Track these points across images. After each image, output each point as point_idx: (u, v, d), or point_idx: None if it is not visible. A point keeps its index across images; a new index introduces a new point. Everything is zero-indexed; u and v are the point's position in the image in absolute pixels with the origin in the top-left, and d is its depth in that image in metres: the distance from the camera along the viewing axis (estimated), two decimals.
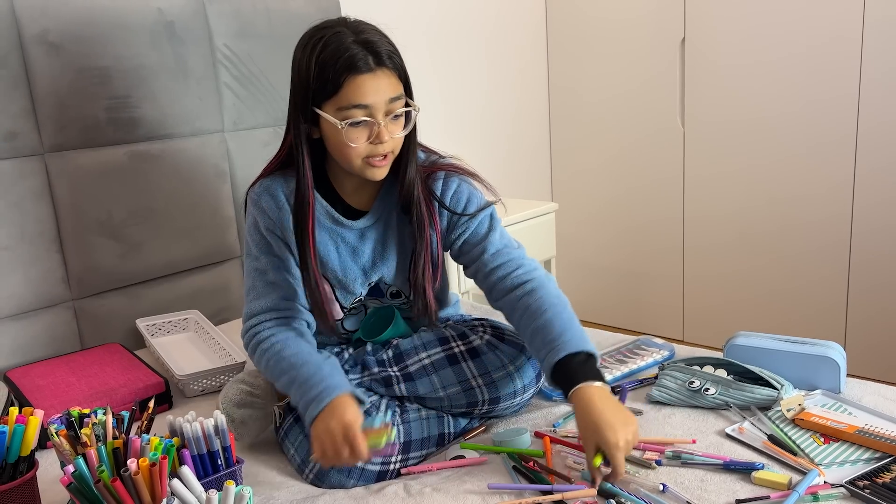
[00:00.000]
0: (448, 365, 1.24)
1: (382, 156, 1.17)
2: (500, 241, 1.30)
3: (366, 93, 1.12)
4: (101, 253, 1.70)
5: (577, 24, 2.95)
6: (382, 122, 1.14)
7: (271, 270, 1.25)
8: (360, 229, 1.28)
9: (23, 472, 1.04)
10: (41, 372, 1.50)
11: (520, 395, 1.26)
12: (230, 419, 1.20)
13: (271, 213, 1.25)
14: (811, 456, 1.10)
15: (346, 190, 1.28)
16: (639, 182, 2.93)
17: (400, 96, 1.17)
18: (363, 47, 1.12)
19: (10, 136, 1.55)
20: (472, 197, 1.29)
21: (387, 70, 1.14)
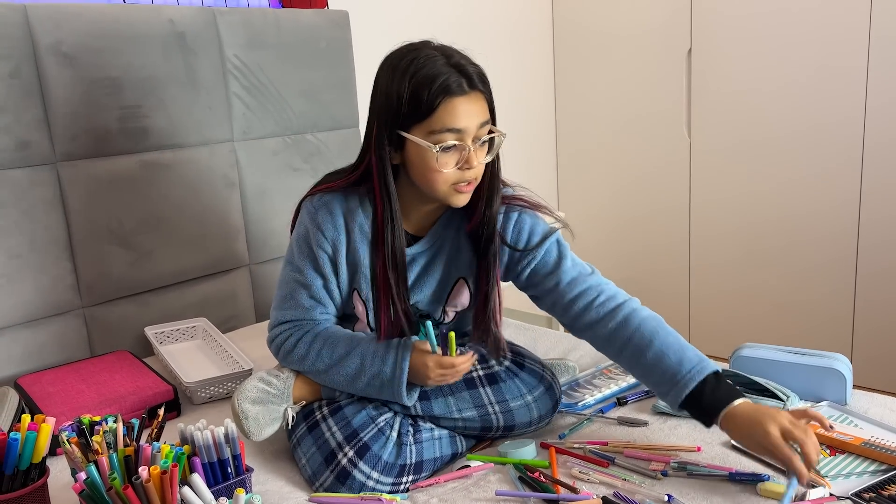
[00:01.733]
0: (465, 389, 1.24)
1: (468, 182, 1.15)
2: (573, 269, 1.25)
3: (459, 116, 1.11)
4: (111, 261, 1.72)
5: (584, 35, 2.97)
6: (472, 146, 1.13)
7: (317, 288, 1.24)
8: (412, 255, 1.25)
9: (34, 478, 1.05)
10: (51, 379, 1.51)
11: (535, 424, 1.27)
12: (243, 415, 1.20)
13: (326, 230, 1.23)
14: (817, 468, 1.10)
15: (409, 217, 1.25)
16: (645, 194, 2.94)
17: (488, 121, 1.16)
18: (457, 70, 1.11)
19: (23, 146, 1.57)
20: (536, 227, 1.26)
21: (479, 93, 1.14)
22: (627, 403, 1.38)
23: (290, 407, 1.25)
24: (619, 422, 1.31)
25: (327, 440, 1.18)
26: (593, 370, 1.51)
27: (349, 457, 1.15)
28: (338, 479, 1.15)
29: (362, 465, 1.15)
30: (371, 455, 1.15)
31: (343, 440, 1.17)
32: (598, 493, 1.09)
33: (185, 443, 1.05)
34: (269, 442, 1.33)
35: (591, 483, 1.12)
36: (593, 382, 1.45)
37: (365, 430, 1.18)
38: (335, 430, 1.19)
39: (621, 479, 1.12)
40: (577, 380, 1.47)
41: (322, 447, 1.18)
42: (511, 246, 1.25)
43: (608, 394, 1.41)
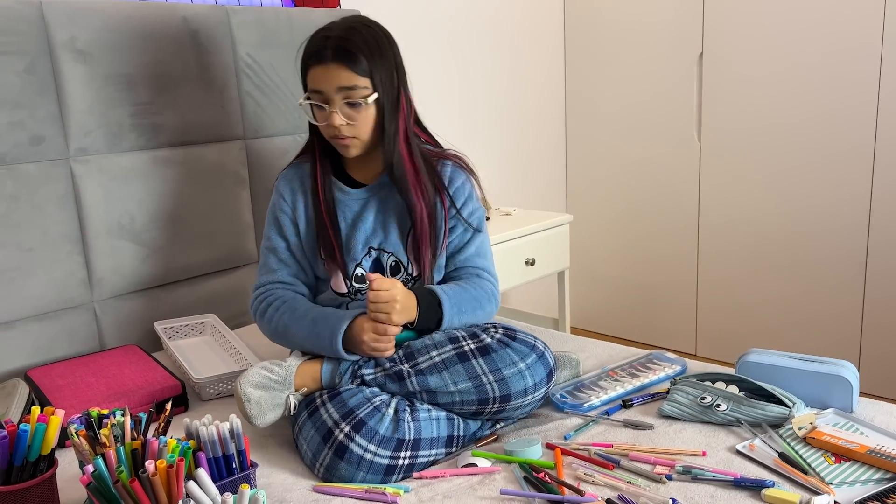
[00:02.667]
0: (458, 362, 1.27)
1: (342, 136, 1.34)
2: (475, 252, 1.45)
3: (317, 81, 1.33)
4: (122, 256, 1.74)
5: (595, 37, 2.97)
6: (335, 107, 1.32)
7: (282, 251, 1.45)
8: (362, 199, 1.44)
9: (43, 470, 1.06)
10: (61, 372, 1.52)
11: (531, 393, 1.28)
12: (246, 398, 1.23)
13: (285, 195, 1.45)
14: (822, 475, 1.10)
15: (355, 169, 1.47)
16: (654, 196, 2.94)
17: (355, 87, 1.31)
18: (326, 41, 1.32)
19: (37, 140, 1.59)
20: (472, 195, 1.46)
21: (341, 65, 1.30)
22: (633, 406, 1.38)
23: (291, 394, 1.27)
24: (625, 424, 1.31)
25: (325, 421, 1.21)
26: (599, 372, 1.51)
27: (345, 432, 1.18)
28: (336, 455, 1.17)
29: (359, 438, 1.17)
30: (367, 429, 1.18)
31: (339, 418, 1.20)
32: (602, 495, 1.09)
33: (191, 438, 1.06)
34: (272, 434, 1.34)
35: (595, 485, 1.13)
36: (599, 384, 1.45)
37: (361, 408, 1.21)
38: (332, 411, 1.22)
39: (626, 482, 1.12)
40: (582, 381, 1.47)
41: (320, 428, 1.21)
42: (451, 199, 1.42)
43: (614, 396, 1.41)
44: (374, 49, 1.33)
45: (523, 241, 2.37)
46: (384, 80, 1.34)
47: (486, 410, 1.28)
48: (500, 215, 2.55)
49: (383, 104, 1.35)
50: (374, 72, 1.32)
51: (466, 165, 1.48)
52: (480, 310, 1.39)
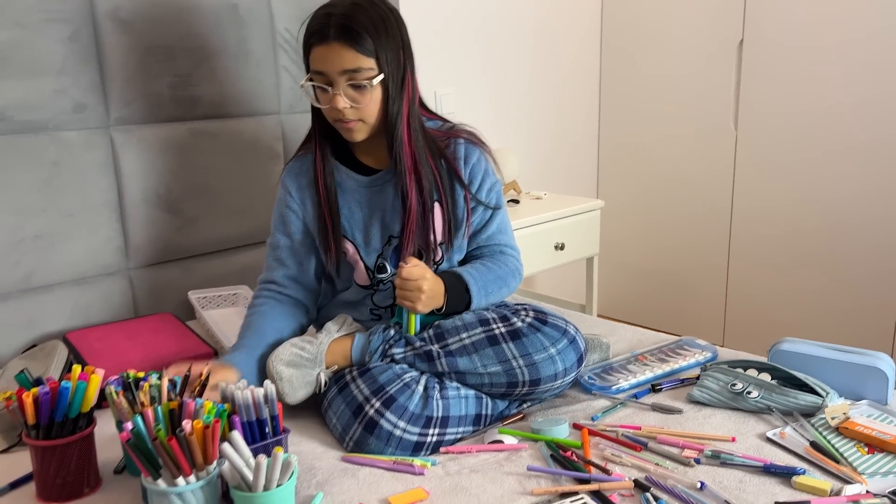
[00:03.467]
0: (488, 345, 1.26)
1: (346, 120, 1.29)
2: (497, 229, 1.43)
3: (319, 61, 1.26)
4: (158, 225, 1.76)
5: (633, 21, 2.93)
6: (338, 90, 1.26)
7: (282, 248, 1.41)
8: (377, 186, 1.39)
9: (82, 427, 1.09)
10: (98, 335, 1.56)
11: (560, 377, 1.27)
12: (278, 376, 1.24)
13: (294, 192, 1.40)
14: (854, 465, 1.09)
15: (362, 153, 1.41)
16: (687, 184, 2.90)
17: (360, 69, 1.25)
18: (329, 19, 1.24)
19: (80, 108, 1.61)
20: (489, 171, 1.42)
21: (345, 44, 1.24)
22: (662, 390, 1.37)
23: (322, 372, 1.28)
24: (653, 408, 1.31)
25: (355, 396, 1.22)
26: (628, 356, 1.50)
27: (376, 407, 1.19)
28: (366, 430, 1.18)
29: (389, 414, 1.18)
30: (397, 406, 1.19)
31: (370, 394, 1.21)
32: (629, 475, 1.09)
33: (226, 401, 1.08)
34: (301, 407, 1.36)
35: (622, 465, 1.13)
36: (628, 368, 1.45)
37: (391, 384, 1.22)
38: (363, 386, 1.23)
39: (653, 464, 1.12)
40: (611, 364, 1.47)
41: (350, 403, 1.22)
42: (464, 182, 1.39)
43: (643, 380, 1.40)
44: (380, 27, 1.26)
45: (553, 226, 2.36)
46: (390, 60, 1.27)
47: (515, 393, 1.28)
48: (530, 199, 2.54)
49: (389, 86, 1.29)
50: (380, 52, 1.26)
51: (479, 140, 1.43)
52: (506, 287, 1.40)
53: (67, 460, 1.07)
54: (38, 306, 1.61)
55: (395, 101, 1.30)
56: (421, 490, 1.07)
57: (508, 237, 1.46)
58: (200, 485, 0.94)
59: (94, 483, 1.11)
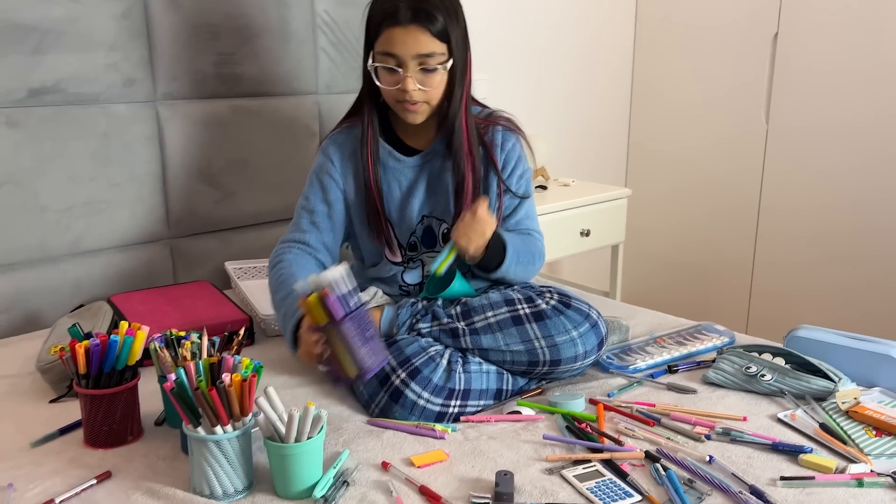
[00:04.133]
0: (512, 325, 1.31)
1: (412, 102, 1.31)
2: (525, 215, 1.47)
3: (394, 43, 1.28)
4: (198, 197, 1.84)
5: (668, 12, 2.94)
6: (410, 72, 1.28)
7: (319, 214, 1.44)
8: (416, 166, 1.43)
9: (128, 378, 1.17)
10: (140, 299, 1.64)
11: (581, 360, 1.32)
12: None
13: (336, 162, 1.43)
14: (861, 446, 1.12)
15: (407, 134, 1.44)
16: (716, 177, 2.91)
17: (433, 54, 1.28)
18: (408, 3, 1.26)
19: (129, 83, 1.69)
20: (522, 157, 1.46)
21: (421, 28, 1.26)
22: (678, 372, 1.41)
23: None
24: (668, 387, 1.35)
25: (383, 367, 1.27)
26: (647, 338, 1.55)
27: (402, 378, 1.24)
28: (391, 398, 1.24)
29: (413, 385, 1.24)
30: (422, 377, 1.24)
31: (396, 365, 1.26)
32: (641, 448, 1.14)
33: (319, 288, 1.10)
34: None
35: (635, 438, 1.17)
36: (646, 349, 1.49)
37: (417, 357, 1.27)
38: (390, 357, 1.28)
39: (665, 438, 1.16)
40: (629, 345, 1.51)
41: (377, 372, 1.27)
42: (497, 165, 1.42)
43: (660, 361, 1.44)
44: (451, 12, 1.29)
45: (580, 212, 2.39)
46: (458, 45, 1.32)
47: (536, 371, 1.33)
48: (558, 185, 2.58)
49: (455, 70, 1.33)
50: (451, 36, 1.29)
51: (516, 127, 1.47)
52: (531, 265, 1.44)
53: (113, 409, 1.15)
54: (85, 270, 1.70)
55: (458, 86, 1.35)
56: (441, 452, 1.13)
57: (535, 222, 1.51)
58: (236, 434, 1.01)
59: (136, 432, 1.19)
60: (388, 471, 1.08)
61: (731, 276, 2.93)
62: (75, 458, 1.13)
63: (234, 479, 1.02)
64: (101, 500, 1.01)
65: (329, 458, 1.10)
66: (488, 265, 1.38)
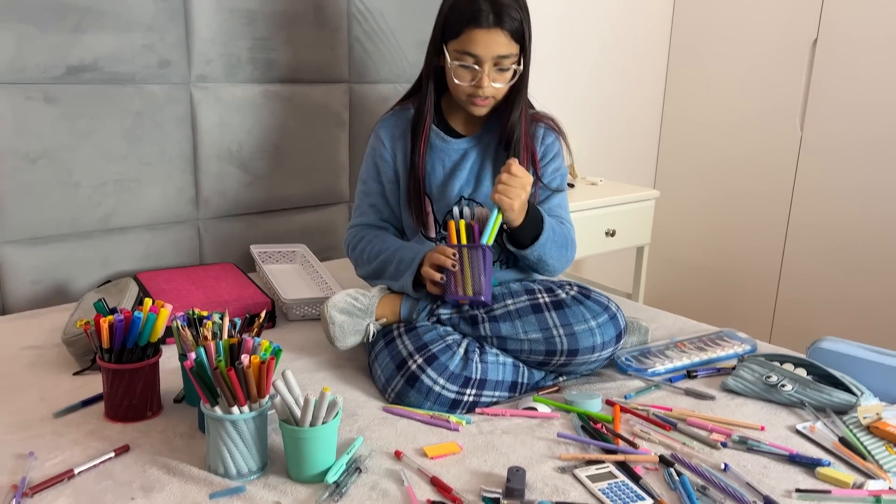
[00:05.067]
0: (532, 313, 1.32)
1: (483, 98, 1.37)
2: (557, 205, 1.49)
3: (477, 44, 1.33)
4: (227, 180, 1.86)
5: (705, 15, 2.90)
6: (486, 71, 1.34)
7: (375, 195, 1.51)
8: (462, 150, 1.47)
9: (150, 355, 1.19)
10: (166, 278, 1.66)
11: (598, 350, 1.32)
12: (331, 320, 1.33)
13: (387, 142, 1.49)
14: (880, 462, 1.10)
15: (456, 120, 1.50)
16: (746, 182, 2.87)
17: (509, 55, 1.34)
18: (490, 6, 1.31)
19: (164, 64, 1.71)
20: (559, 153, 1.51)
21: (501, 31, 1.32)
22: (697, 377, 1.40)
23: (372, 323, 1.35)
24: (687, 393, 1.34)
25: (400, 351, 1.29)
26: (667, 342, 1.53)
27: (418, 363, 1.26)
28: (407, 383, 1.25)
29: (430, 371, 1.25)
30: (439, 364, 1.25)
31: (414, 350, 1.28)
32: (655, 451, 1.13)
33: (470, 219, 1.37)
34: (349, 358, 1.44)
35: (650, 442, 1.17)
36: (665, 353, 1.48)
37: (434, 343, 1.29)
38: (408, 342, 1.30)
39: (680, 444, 1.15)
40: (649, 348, 1.50)
41: (395, 357, 1.29)
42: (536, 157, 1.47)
43: (679, 365, 1.43)
44: (526, 16, 1.36)
45: (606, 211, 2.38)
46: (529, 46, 1.37)
47: (553, 362, 1.33)
48: (585, 184, 2.56)
49: (524, 69, 1.39)
50: (525, 37, 1.35)
51: (558, 127, 1.52)
52: (565, 249, 1.43)
53: (134, 384, 1.17)
54: (114, 246, 1.73)
55: (524, 84, 1.41)
56: (455, 444, 1.13)
57: (567, 213, 1.53)
58: (253, 415, 1.02)
59: (156, 408, 1.21)
60: (400, 460, 1.09)
61: (757, 284, 2.89)
62: (95, 431, 1.15)
63: (249, 459, 1.03)
64: (118, 473, 1.03)
65: (343, 444, 1.11)
66: (526, 237, 1.37)
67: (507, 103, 1.43)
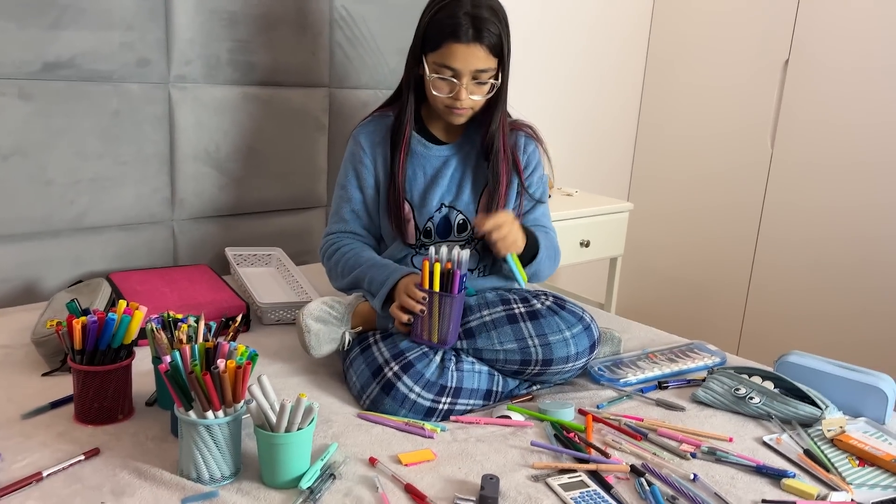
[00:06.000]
0: (507, 323, 1.33)
1: (461, 108, 1.39)
2: (541, 214, 1.53)
3: (456, 58, 1.34)
4: (204, 181, 1.85)
5: (681, 33, 2.95)
6: (464, 84, 1.36)
7: (356, 201, 1.50)
8: (443, 157, 1.49)
9: (123, 357, 1.18)
10: (139, 279, 1.65)
11: (572, 360, 1.34)
12: (306, 329, 1.32)
13: (367, 147, 1.49)
14: (843, 475, 1.13)
15: (437, 127, 1.51)
16: (718, 197, 2.93)
17: (487, 69, 1.36)
18: (469, 21, 1.32)
19: (143, 63, 1.70)
20: (541, 162, 1.54)
21: (481, 46, 1.33)
22: (668, 388, 1.43)
23: (347, 331, 1.35)
24: (658, 403, 1.36)
25: (376, 358, 1.30)
26: (639, 353, 1.56)
27: (394, 370, 1.26)
28: (383, 390, 1.25)
29: (406, 378, 1.25)
30: (414, 371, 1.26)
31: (390, 357, 1.28)
32: (627, 461, 1.15)
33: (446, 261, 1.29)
34: (323, 365, 1.44)
35: (621, 451, 1.18)
36: (637, 364, 1.50)
37: (411, 351, 1.29)
38: (384, 350, 1.31)
39: (651, 453, 1.17)
40: (621, 358, 1.52)
41: (371, 364, 1.29)
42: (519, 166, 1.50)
43: (651, 376, 1.45)
44: (506, 32, 1.38)
45: (581, 222, 2.41)
46: (508, 58, 1.40)
47: (527, 371, 1.34)
48: (561, 195, 2.59)
49: (503, 81, 1.41)
50: (504, 52, 1.37)
51: (536, 135, 1.54)
52: (555, 260, 1.51)
53: (106, 386, 1.16)
54: (87, 246, 1.71)
55: (502, 95, 1.43)
56: (429, 451, 1.14)
57: (549, 221, 1.57)
58: (227, 420, 1.02)
59: (127, 411, 1.20)
60: (375, 467, 1.09)
61: (726, 297, 2.94)
62: (65, 433, 1.13)
63: (222, 464, 1.03)
64: (87, 477, 1.02)
65: (317, 450, 1.11)
66: (525, 258, 1.43)
67: (486, 114, 1.45)
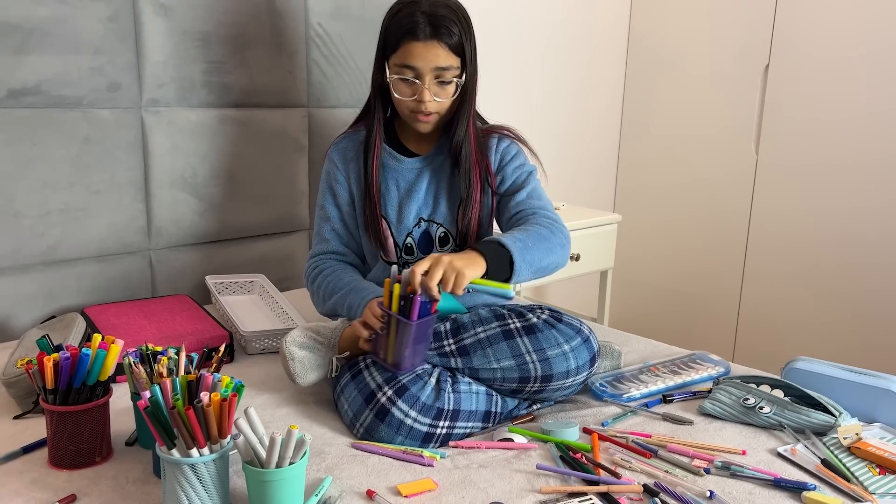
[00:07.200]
0: (503, 339, 1.27)
1: (426, 113, 1.36)
2: (527, 196, 1.44)
3: (414, 57, 1.32)
4: (181, 208, 1.78)
5: (660, 41, 2.95)
6: (427, 84, 1.33)
7: (334, 219, 1.49)
8: (416, 169, 1.46)
9: (99, 395, 1.11)
10: (116, 312, 1.57)
11: (573, 375, 1.28)
12: (290, 356, 1.26)
13: (340, 164, 1.48)
14: (865, 484, 1.08)
15: (409, 139, 1.49)
16: (705, 205, 2.91)
17: (449, 67, 1.33)
18: (427, 18, 1.31)
19: (114, 87, 1.64)
20: (519, 153, 1.50)
21: (440, 43, 1.31)
22: (673, 402, 1.37)
23: (335, 357, 1.29)
24: (664, 418, 1.31)
25: (368, 383, 1.23)
26: (640, 366, 1.51)
27: (388, 395, 1.20)
28: (377, 417, 1.19)
29: (400, 403, 1.19)
30: (409, 395, 1.19)
31: (383, 381, 1.22)
32: (638, 480, 1.09)
33: (407, 283, 1.17)
34: (311, 393, 1.37)
35: (632, 471, 1.13)
36: (639, 378, 1.45)
37: (404, 374, 1.22)
38: (376, 374, 1.24)
39: (663, 471, 1.12)
40: (622, 373, 1.47)
41: (363, 390, 1.23)
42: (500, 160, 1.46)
43: (654, 390, 1.40)
44: (465, 28, 1.35)
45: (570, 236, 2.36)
46: (471, 59, 1.37)
47: (527, 389, 1.29)
48: None
49: (466, 83, 1.38)
50: (466, 51, 1.35)
51: (516, 135, 1.51)
52: (546, 241, 1.32)
53: (82, 427, 1.08)
54: (60, 279, 1.63)
55: (468, 98, 1.40)
56: (430, 480, 1.07)
57: (544, 203, 1.44)
58: (213, 457, 0.95)
59: (105, 452, 1.12)
60: (373, 500, 1.02)
61: (719, 307, 2.91)
62: (38, 479, 1.06)
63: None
64: None
65: (311, 485, 1.04)
66: (502, 272, 1.26)
67: (454, 120, 1.42)
